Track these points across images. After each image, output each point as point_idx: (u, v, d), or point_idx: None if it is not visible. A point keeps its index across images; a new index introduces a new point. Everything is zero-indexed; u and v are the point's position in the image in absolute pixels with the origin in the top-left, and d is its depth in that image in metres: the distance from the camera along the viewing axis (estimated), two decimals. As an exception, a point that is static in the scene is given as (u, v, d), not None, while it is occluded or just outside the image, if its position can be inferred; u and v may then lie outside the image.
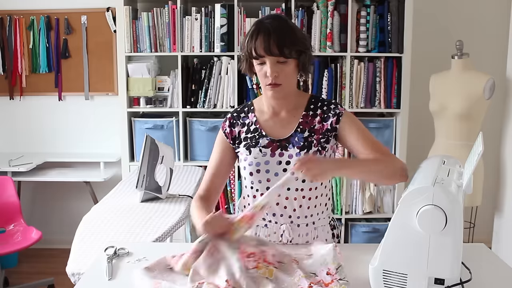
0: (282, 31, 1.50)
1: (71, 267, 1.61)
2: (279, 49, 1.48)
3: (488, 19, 3.81)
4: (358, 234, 3.60)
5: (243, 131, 1.65)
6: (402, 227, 1.17)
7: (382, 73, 3.44)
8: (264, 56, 1.50)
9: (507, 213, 3.26)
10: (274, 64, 1.50)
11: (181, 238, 3.03)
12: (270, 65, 1.50)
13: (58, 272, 2.95)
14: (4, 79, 3.88)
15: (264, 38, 1.49)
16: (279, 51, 1.48)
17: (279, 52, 1.48)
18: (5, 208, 3.20)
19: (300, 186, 1.59)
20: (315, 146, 1.59)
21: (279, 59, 1.50)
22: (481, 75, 3.12)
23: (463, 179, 1.24)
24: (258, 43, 1.49)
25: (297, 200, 1.60)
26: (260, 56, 1.50)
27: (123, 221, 2.04)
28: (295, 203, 1.60)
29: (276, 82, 1.52)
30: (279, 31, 1.49)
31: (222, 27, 3.38)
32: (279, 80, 1.52)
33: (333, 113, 1.61)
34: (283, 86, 1.54)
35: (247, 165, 1.61)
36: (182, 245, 2.25)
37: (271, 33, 1.48)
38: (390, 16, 3.37)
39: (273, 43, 1.48)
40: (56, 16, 3.80)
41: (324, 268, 1.23)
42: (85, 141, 3.97)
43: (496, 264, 1.44)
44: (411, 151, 3.55)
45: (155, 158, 2.31)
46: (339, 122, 1.60)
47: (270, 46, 1.48)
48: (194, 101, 3.50)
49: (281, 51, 1.48)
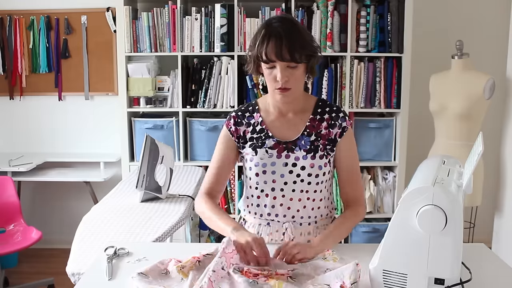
0: (293, 36, 1.49)
1: (71, 267, 1.61)
2: (290, 54, 1.47)
3: (488, 19, 3.81)
4: (358, 234, 3.60)
5: (249, 131, 1.65)
6: (402, 227, 1.17)
7: (382, 73, 3.44)
8: (275, 61, 1.49)
9: (507, 213, 3.26)
10: (284, 68, 1.50)
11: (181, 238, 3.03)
12: (280, 70, 1.49)
13: (58, 272, 2.95)
14: (4, 79, 3.88)
15: (276, 43, 1.47)
16: (291, 56, 1.47)
17: (291, 58, 1.48)
18: (5, 208, 3.20)
19: (306, 188, 1.59)
20: (321, 150, 1.59)
21: (289, 64, 1.49)
22: (481, 75, 3.12)
23: (463, 179, 1.24)
24: (270, 48, 1.48)
25: (301, 201, 1.61)
26: (270, 61, 1.49)
27: (123, 221, 2.03)
28: (299, 204, 1.61)
29: (286, 86, 1.52)
30: (290, 36, 1.48)
31: (222, 27, 3.38)
32: (289, 84, 1.52)
33: (339, 123, 1.62)
34: (292, 90, 1.54)
35: (253, 165, 1.61)
36: (182, 245, 2.25)
37: (282, 38, 1.47)
38: (390, 16, 3.37)
39: (285, 48, 1.47)
40: (56, 16, 3.80)
41: (338, 280, 1.21)
42: (85, 141, 3.97)
43: (496, 264, 1.44)
44: (411, 151, 3.55)
45: (155, 158, 2.31)
46: (341, 136, 1.62)
47: (282, 51, 1.47)
48: (194, 101, 3.50)
49: (292, 57, 1.47)
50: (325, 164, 1.59)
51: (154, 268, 1.32)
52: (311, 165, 1.57)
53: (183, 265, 1.32)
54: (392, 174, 3.57)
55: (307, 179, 1.58)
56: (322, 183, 1.61)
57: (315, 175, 1.58)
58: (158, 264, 1.34)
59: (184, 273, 1.30)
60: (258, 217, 1.66)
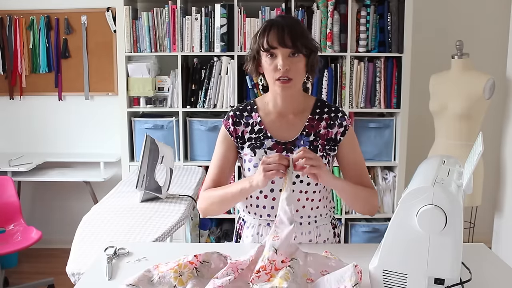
0: (295, 27, 1.53)
1: (71, 267, 1.61)
2: (292, 41, 1.49)
3: (488, 19, 3.81)
4: (358, 234, 3.60)
5: (247, 131, 1.64)
6: (402, 227, 1.17)
7: (382, 73, 3.44)
8: (276, 48, 1.50)
9: (507, 213, 3.26)
10: (286, 57, 1.51)
11: (181, 238, 3.03)
12: (282, 58, 1.51)
13: (58, 272, 2.95)
14: (4, 79, 3.88)
15: (278, 30, 1.50)
16: (292, 43, 1.50)
17: (292, 44, 1.50)
18: (5, 208, 3.20)
19: (304, 189, 1.59)
20: (320, 151, 1.60)
21: (291, 51, 1.51)
22: (481, 75, 3.12)
23: (463, 179, 1.24)
24: (272, 36, 1.50)
25: (300, 201, 1.61)
26: (272, 47, 1.51)
27: (123, 221, 2.03)
28: (298, 204, 1.61)
29: (287, 75, 1.52)
30: (292, 26, 1.52)
31: (222, 27, 3.38)
32: (290, 74, 1.52)
33: (339, 122, 1.62)
34: (293, 82, 1.54)
35: (252, 166, 1.60)
36: (182, 245, 2.25)
37: (284, 27, 1.51)
38: (390, 16, 3.37)
39: (287, 35, 1.50)
40: (56, 16, 3.80)
41: (340, 285, 1.20)
42: (85, 141, 3.97)
43: (496, 264, 1.44)
44: (411, 151, 3.55)
45: (155, 158, 2.31)
46: (344, 135, 1.62)
47: (284, 38, 1.49)
48: (194, 101, 3.50)
49: (294, 44, 1.50)
50: (324, 164, 1.59)
51: (142, 277, 1.27)
52: None
53: (181, 271, 1.27)
54: (392, 174, 3.58)
55: (306, 180, 1.58)
56: (321, 184, 1.61)
57: None
58: (145, 273, 1.29)
59: (181, 280, 1.26)
60: (257, 217, 1.65)
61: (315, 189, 1.60)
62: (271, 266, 1.27)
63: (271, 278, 1.24)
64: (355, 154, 1.65)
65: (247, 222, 1.70)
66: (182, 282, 1.26)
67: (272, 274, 1.25)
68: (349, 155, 1.64)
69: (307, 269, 1.31)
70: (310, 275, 1.30)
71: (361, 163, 1.66)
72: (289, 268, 1.25)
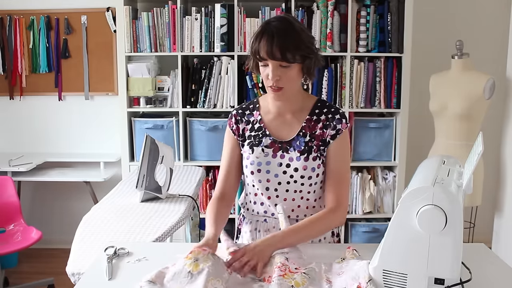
0: (287, 35, 1.47)
1: (71, 267, 1.61)
2: (281, 53, 1.46)
3: (488, 19, 3.81)
4: (358, 234, 3.59)
5: (247, 129, 1.65)
6: (402, 227, 1.17)
7: (382, 73, 3.44)
8: (266, 59, 1.49)
9: (507, 213, 3.26)
10: (276, 67, 1.49)
11: (181, 238, 3.02)
12: (272, 69, 1.49)
13: (58, 272, 2.94)
14: (4, 79, 3.88)
15: (267, 41, 1.46)
16: (282, 55, 1.46)
17: (282, 57, 1.47)
18: (5, 208, 3.20)
19: (299, 189, 1.60)
20: (315, 151, 1.59)
21: (281, 63, 1.48)
22: (481, 75, 3.12)
23: (463, 179, 1.24)
24: (262, 46, 1.48)
25: (295, 201, 1.62)
26: (262, 59, 1.49)
27: (123, 221, 2.03)
28: (293, 203, 1.62)
29: (277, 85, 1.51)
30: (284, 35, 1.47)
31: (222, 27, 3.38)
32: (281, 83, 1.51)
33: (333, 125, 1.60)
34: (285, 90, 1.53)
35: (249, 164, 1.61)
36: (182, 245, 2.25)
37: (274, 37, 1.46)
38: (390, 16, 3.37)
39: (276, 47, 1.46)
40: (56, 16, 3.80)
41: (355, 282, 1.21)
42: (85, 141, 3.97)
43: (496, 264, 1.44)
44: (411, 151, 3.55)
45: (155, 158, 2.30)
46: (334, 138, 1.59)
47: (273, 50, 1.46)
48: (194, 101, 3.50)
49: (283, 56, 1.46)
50: (318, 165, 1.58)
51: (159, 274, 1.29)
52: (304, 167, 1.57)
53: (196, 257, 1.28)
54: (392, 174, 3.58)
55: (300, 180, 1.58)
56: (315, 184, 1.61)
57: (308, 177, 1.58)
58: (162, 270, 1.30)
59: (197, 265, 1.26)
60: (255, 214, 1.69)
61: (309, 190, 1.61)
62: (284, 267, 1.29)
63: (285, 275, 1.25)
64: (339, 163, 1.60)
65: (246, 218, 1.74)
66: (197, 266, 1.26)
67: (287, 273, 1.26)
68: (333, 163, 1.60)
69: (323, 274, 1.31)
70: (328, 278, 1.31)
71: (341, 173, 1.60)
72: (304, 274, 1.26)
